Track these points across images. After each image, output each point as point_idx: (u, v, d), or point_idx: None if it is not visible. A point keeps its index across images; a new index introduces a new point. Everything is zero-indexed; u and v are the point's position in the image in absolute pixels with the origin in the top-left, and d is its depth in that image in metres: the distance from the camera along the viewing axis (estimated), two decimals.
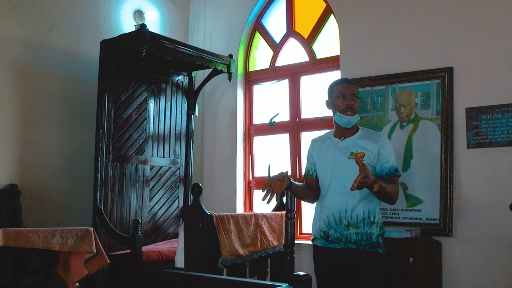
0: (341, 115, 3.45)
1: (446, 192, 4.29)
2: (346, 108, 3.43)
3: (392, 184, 3.33)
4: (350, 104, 3.43)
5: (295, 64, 5.65)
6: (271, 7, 5.91)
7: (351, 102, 3.43)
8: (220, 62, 5.40)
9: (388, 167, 3.37)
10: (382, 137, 3.50)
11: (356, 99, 3.47)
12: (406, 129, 4.56)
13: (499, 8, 4.26)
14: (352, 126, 3.49)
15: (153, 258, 4.55)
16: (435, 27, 4.54)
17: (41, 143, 4.85)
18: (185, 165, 5.69)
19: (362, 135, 3.47)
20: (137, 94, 5.24)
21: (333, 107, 3.51)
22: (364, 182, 3.07)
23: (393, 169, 3.38)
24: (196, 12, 6.35)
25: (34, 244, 3.51)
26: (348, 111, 3.43)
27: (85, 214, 4.88)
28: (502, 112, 4.16)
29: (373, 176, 3.12)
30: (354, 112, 3.44)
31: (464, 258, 4.23)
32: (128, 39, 4.76)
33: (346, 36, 5.07)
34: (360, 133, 3.49)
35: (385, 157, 3.38)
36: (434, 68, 4.49)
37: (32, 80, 4.83)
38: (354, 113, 3.44)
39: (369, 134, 3.51)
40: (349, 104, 3.43)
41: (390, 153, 3.42)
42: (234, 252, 3.64)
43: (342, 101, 3.45)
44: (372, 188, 3.15)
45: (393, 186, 3.33)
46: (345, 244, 3.33)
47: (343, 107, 3.44)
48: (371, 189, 3.17)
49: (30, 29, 4.85)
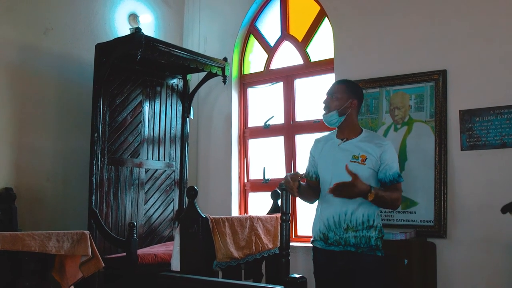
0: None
1: (440, 194, 4.31)
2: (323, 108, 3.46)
3: (393, 191, 3.31)
4: (324, 102, 3.45)
5: (290, 67, 5.67)
6: (266, 10, 5.93)
7: (325, 102, 3.44)
8: (215, 65, 5.41)
9: (391, 174, 3.32)
10: (385, 141, 3.44)
11: (334, 98, 3.42)
12: (400, 131, 4.58)
13: (492, 11, 4.29)
14: (354, 128, 3.45)
15: (149, 261, 4.55)
16: (429, 30, 4.57)
17: (36, 147, 4.85)
18: (180, 168, 5.69)
19: (365, 138, 3.42)
20: (132, 97, 5.25)
21: None
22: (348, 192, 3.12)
23: (396, 175, 3.34)
24: (191, 16, 6.36)
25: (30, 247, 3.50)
26: (324, 110, 3.45)
27: (80, 217, 4.88)
28: (495, 114, 4.18)
29: (364, 186, 3.13)
30: (327, 110, 3.43)
31: (458, 259, 4.24)
32: (123, 42, 4.78)
33: (340, 39, 5.09)
34: (363, 135, 3.45)
35: (388, 164, 3.33)
36: (427, 71, 4.51)
37: (27, 83, 4.83)
38: (327, 111, 3.42)
39: (372, 138, 3.46)
40: (324, 103, 3.45)
41: (393, 159, 3.37)
42: (228, 255, 3.64)
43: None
44: (366, 197, 3.16)
45: (393, 193, 3.30)
46: (344, 247, 3.32)
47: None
48: (365, 198, 3.18)
49: (25, 32, 4.85)
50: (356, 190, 3.13)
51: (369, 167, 3.30)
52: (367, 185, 3.16)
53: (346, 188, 3.15)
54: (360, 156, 3.32)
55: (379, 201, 3.24)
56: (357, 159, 3.33)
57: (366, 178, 3.29)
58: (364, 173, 3.29)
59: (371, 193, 3.14)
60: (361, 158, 3.32)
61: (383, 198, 3.25)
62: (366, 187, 3.14)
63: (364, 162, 3.31)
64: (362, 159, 3.32)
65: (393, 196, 3.31)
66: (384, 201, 3.28)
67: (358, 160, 3.33)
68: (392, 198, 3.31)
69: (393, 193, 3.31)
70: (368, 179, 3.30)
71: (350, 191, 3.15)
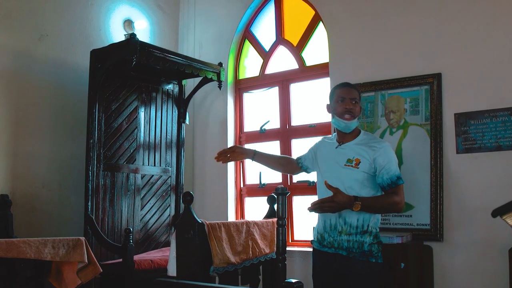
0: (339, 119, 3.43)
1: (436, 197, 4.32)
2: (344, 112, 3.40)
3: (390, 196, 3.28)
4: (349, 108, 3.40)
5: (285, 71, 5.68)
6: (260, 15, 5.94)
7: (349, 106, 3.40)
8: (210, 71, 5.41)
9: (389, 178, 3.28)
10: (381, 143, 3.41)
11: (357, 104, 3.43)
12: (395, 135, 4.59)
13: (487, 14, 4.31)
14: (352, 131, 3.46)
15: (145, 266, 4.54)
16: (423, 33, 4.58)
17: (31, 153, 4.84)
18: (176, 174, 5.68)
19: (361, 141, 3.42)
20: (128, 103, 5.24)
21: (333, 111, 3.50)
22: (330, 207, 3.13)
23: (394, 178, 3.29)
24: (186, 21, 6.37)
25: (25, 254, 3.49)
26: (346, 115, 3.40)
27: (76, 224, 4.87)
28: (490, 117, 4.19)
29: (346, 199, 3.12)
30: (353, 116, 3.40)
31: (455, 263, 4.25)
32: (118, 48, 4.77)
33: (335, 43, 5.10)
34: (360, 138, 3.44)
35: (385, 167, 3.29)
36: (422, 74, 4.52)
37: (22, 90, 4.82)
38: (353, 117, 3.40)
39: (369, 140, 3.43)
40: (347, 108, 3.40)
41: (390, 161, 3.32)
42: (225, 260, 3.64)
43: (341, 105, 3.42)
44: (351, 209, 3.16)
45: (391, 198, 3.27)
46: (335, 250, 3.32)
47: (341, 111, 3.41)
48: (351, 209, 3.17)
49: (20, 39, 4.84)
50: (336, 206, 3.13)
51: (363, 170, 3.29)
52: (350, 197, 3.14)
53: (327, 204, 3.14)
54: (354, 159, 3.32)
55: (370, 209, 3.23)
56: (351, 163, 3.33)
57: (361, 182, 3.29)
58: (358, 177, 3.30)
59: (356, 204, 3.13)
60: (355, 162, 3.32)
61: (374, 206, 3.24)
62: (348, 200, 3.13)
63: (357, 166, 3.31)
64: (356, 163, 3.32)
65: (389, 200, 3.27)
66: (377, 208, 3.27)
67: (352, 164, 3.33)
68: (388, 202, 3.28)
69: (390, 198, 3.28)
70: (363, 182, 3.30)
71: (331, 207, 3.14)
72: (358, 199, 3.14)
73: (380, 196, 3.32)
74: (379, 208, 3.32)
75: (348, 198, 3.13)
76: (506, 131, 4.12)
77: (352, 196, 3.16)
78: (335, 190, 3.12)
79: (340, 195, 3.12)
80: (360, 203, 3.13)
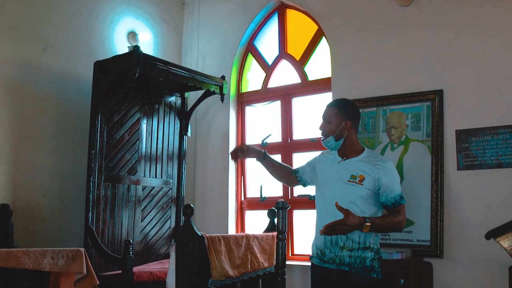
0: None
1: (436, 213, 4.31)
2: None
3: (395, 215, 3.29)
4: (320, 128, 3.49)
5: (287, 85, 5.70)
6: (264, 29, 5.97)
7: (321, 128, 3.49)
8: (213, 84, 5.43)
9: (392, 197, 3.29)
10: (386, 163, 3.39)
11: (328, 123, 3.44)
12: (397, 150, 4.59)
13: (488, 32, 4.33)
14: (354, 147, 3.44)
15: (144, 278, 4.53)
16: (425, 50, 4.60)
17: (33, 163, 4.85)
18: (177, 186, 5.68)
19: (365, 158, 3.40)
20: (130, 114, 5.26)
21: None
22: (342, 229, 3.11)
23: (398, 197, 3.30)
24: (189, 34, 6.40)
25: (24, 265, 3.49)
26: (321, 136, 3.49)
27: (76, 234, 4.86)
28: (491, 135, 4.20)
29: (357, 220, 3.09)
30: (324, 136, 3.46)
31: (455, 279, 4.23)
32: (122, 60, 4.80)
33: (337, 59, 5.12)
34: (364, 155, 3.43)
35: (389, 186, 3.29)
36: (424, 91, 4.54)
37: (25, 100, 4.84)
38: (324, 137, 3.46)
39: (373, 158, 3.42)
40: (320, 129, 3.49)
41: (394, 180, 3.32)
42: (224, 274, 3.63)
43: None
44: (361, 230, 3.15)
45: (395, 217, 3.28)
46: (337, 266, 3.31)
47: None
48: (360, 230, 3.16)
49: (24, 49, 4.87)
50: (347, 228, 3.12)
51: (367, 187, 3.29)
52: (360, 218, 3.13)
53: (339, 227, 3.13)
54: (358, 176, 3.31)
55: (377, 229, 3.23)
56: (354, 179, 3.32)
57: (364, 198, 3.29)
58: (362, 194, 3.29)
59: (366, 225, 3.12)
60: (359, 178, 3.31)
61: (381, 226, 3.24)
62: (359, 221, 3.11)
63: (361, 182, 3.30)
64: (360, 179, 3.31)
65: (395, 220, 3.28)
66: (383, 228, 3.28)
67: (356, 180, 3.32)
68: (394, 222, 3.28)
69: (394, 217, 3.28)
70: (366, 199, 3.29)
71: (342, 229, 3.13)
72: (368, 220, 3.13)
73: (385, 216, 3.31)
74: (386, 228, 3.33)
75: (359, 220, 3.12)
76: (507, 148, 4.13)
77: (362, 218, 3.15)
78: (346, 212, 3.10)
79: (351, 217, 3.09)
80: (369, 224, 3.12)
